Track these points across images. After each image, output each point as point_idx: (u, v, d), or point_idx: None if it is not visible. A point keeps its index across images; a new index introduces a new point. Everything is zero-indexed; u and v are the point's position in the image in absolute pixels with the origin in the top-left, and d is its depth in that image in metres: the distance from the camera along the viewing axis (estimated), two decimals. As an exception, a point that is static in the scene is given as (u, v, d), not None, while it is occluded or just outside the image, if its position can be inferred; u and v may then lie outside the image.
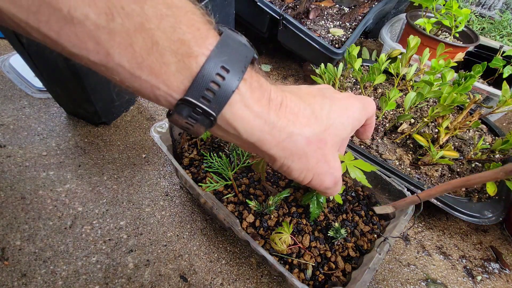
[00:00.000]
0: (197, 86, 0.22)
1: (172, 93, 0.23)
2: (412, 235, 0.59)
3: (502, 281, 0.53)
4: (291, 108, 0.27)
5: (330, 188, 0.33)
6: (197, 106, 0.23)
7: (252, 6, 0.85)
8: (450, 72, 0.59)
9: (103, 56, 0.20)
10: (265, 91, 0.26)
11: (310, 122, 0.28)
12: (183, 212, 0.56)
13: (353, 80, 0.80)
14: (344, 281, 0.42)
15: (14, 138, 0.65)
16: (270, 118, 0.26)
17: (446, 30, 0.95)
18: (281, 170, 0.30)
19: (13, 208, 0.53)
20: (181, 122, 0.24)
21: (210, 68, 0.22)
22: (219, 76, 0.22)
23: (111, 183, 0.59)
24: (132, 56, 0.21)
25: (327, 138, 0.29)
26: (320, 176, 0.31)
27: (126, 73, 0.21)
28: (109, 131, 0.70)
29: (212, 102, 0.23)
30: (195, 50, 0.22)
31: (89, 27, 0.19)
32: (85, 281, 0.46)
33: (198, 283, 0.47)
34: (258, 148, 0.27)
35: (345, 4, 1.00)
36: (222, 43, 0.23)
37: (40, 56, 0.56)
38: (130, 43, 0.20)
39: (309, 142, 0.28)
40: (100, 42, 0.20)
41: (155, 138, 0.50)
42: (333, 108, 0.30)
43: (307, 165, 0.29)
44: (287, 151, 0.28)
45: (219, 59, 0.22)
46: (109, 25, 0.19)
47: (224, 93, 0.23)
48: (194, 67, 0.22)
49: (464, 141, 0.67)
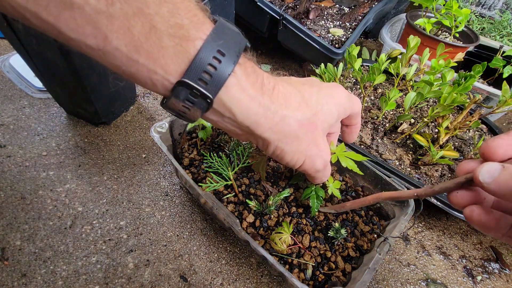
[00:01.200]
0: (195, 68, 0.23)
1: (169, 77, 0.23)
2: (412, 235, 0.59)
3: (502, 281, 0.53)
4: (283, 93, 0.28)
5: (320, 171, 0.34)
6: (195, 88, 0.23)
7: (252, 6, 0.85)
8: (450, 72, 0.59)
9: (100, 40, 0.21)
10: (259, 76, 0.27)
11: (301, 106, 0.29)
12: (183, 212, 0.56)
13: (353, 80, 0.80)
14: (344, 281, 0.42)
15: (14, 138, 0.65)
16: (264, 101, 0.27)
17: (446, 30, 0.95)
18: (274, 155, 0.31)
19: (13, 208, 0.53)
20: (178, 106, 0.25)
21: (207, 51, 0.23)
22: (216, 60, 0.23)
23: (111, 183, 0.59)
24: (130, 40, 0.21)
25: (317, 122, 0.30)
26: (311, 159, 0.32)
27: (123, 57, 0.22)
28: (109, 131, 0.70)
29: (209, 84, 0.23)
30: (192, 34, 0.22)
31: (88, 11, 0.19)
32: (85, 281, 0.46)
33: (198, 283, 0.47)
34: (252, 131, 0.28)
35: (345, 4, 1.00)
36: (218, 28, 0.24)
37: (40, 56, 0.56)
38: (129, 27, 0.20)
39: (300, 125, 0.29)
40: (99, 27, 0.20)
41: (155, 138, 0.50)
42: (321, 95, 0.31)
43: (299, 147, 0.30)
44: (281, 134, 0.29)
45: (216, 43, 0.23)
46: (109, 9, 0.19)
47: (221, 75, 0.23)
48: (192, 50, 0.22)
49: (464, 141, 0.67)
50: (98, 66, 0.59)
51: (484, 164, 0.23)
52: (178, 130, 0.57)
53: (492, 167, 0.22)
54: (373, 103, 0.74)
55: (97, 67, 0.59)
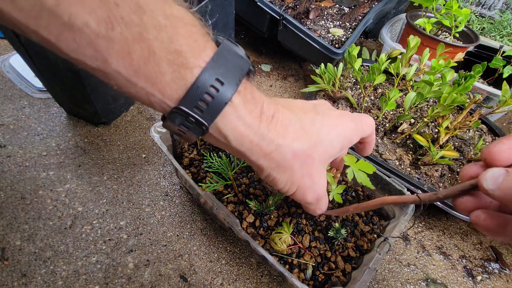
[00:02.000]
0: (191, 96, 0.23)
1: (166, 101, 0.23)
2: (412, 235, 0.59)
3: (502, 281, 0.53)
4: (281, 121, 0.28)
5: (311, 203, 0.33)
6: (190, 116, 0.23)
7: (252, 6, 0.85)
8: (450, 72, 0.59)
9: (101, 62, 0.21)
10: (258, 104, 0.26)
11: (299, 136, 0.28)
12: (183, 212, 0.56)
13: (353, 80, 0.80)
14: (344, 281, 0.42)
15: (14, 138, 0.65)
16: (261, 130, 0.26)
17: (446, 30, 0.95)
18: (267, 180, 0.31)
19: (13, 208, 0.53)
20: (174, 128, 0.25)
21: (205, 80, 0.22)
22: (213, 88, 0.23)
23: (111, 183, 0.59)
24: (130, 64, 0.21)
25: (314, 154, 0.30)
26: (303, 190, 0.31)
27: (123, 79, 0.22)
28: (109, 131, 0.70)
29: (205, 112, 0.23)
30: (191, 62, 0.22)
31: (88, 34, 0.19)
32: (85, 281, 0.46)
33: (198, 283, 0.47)
34: (247, 157, 0.28)
35: (345, 4, 1.00)
36: (219, 55, 0.23)
37: (40, 56, 0.56)
38: (128, 52, 0.21)
39: (295, 156, 0.28)
40: (99, 49, 0.20)
41: (155, 138, 0.50)
42: (324, 124, 0.30)
43: (291, 177, 0.30)
44: (274, 163, 0.28)
45: (215, 71, 0.23)
46: (108, 33, 0.19)
47: (218, 104, 0.23)
48: (189, 78, 0.22)
49: (464, 141, 0.67)
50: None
51: (488, 170, 0.22)
52: (178, 130, 0.57)
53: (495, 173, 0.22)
54: (373, 103, 0.74)
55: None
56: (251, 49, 1.06)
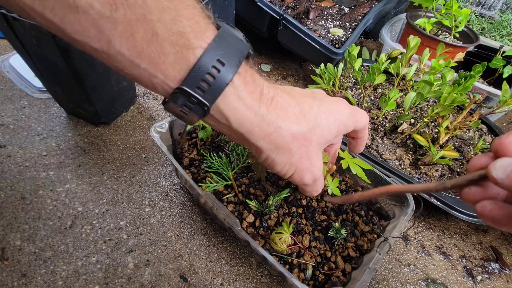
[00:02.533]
0: (193, 76, 0.23)
1: (168, 82, 0.24)
2: (412, 235, 0.59)
3: (502, 281, 0.53)
4: (281, 104, 0.28)
5: (309, 184, 0.34)
6: (192, 96, 0.24)
7: (252, 6, 0.85)
8: (450, 72, 0.59)
9: (104, 43, 0.21)
10: (258, 86, 0.27)
11: (299, 119, 0.29)
12: (183, 212, 0.56)
13: (353, 80, 0.80)
14: (344, 281, 0.42)
15: (14, 138, 0.65)
16: (261, 111, 0.27)
17: (446, 30, 0.95)
18: (266, 163, 0.31)
19: (13, 208, 0.53)
20: (176, 110, 0.25)
21: (207, 61, 0.23)
22: (215, 69, 0.23)
23: (111, 183, 0.59)
24: (133, 45, 0.21)
25: (312, 137, 0.30)
26: (301, 172, 0.32)
27: (126, 60, 0.22)
28: (109, 131, 0.70)
29: (206, 93, 0.24)
30: (193, 43, 0.23)
31: (92, 15, 0.20)
32: (85, 281, 0.46)
33: (198, 283, 0.47)
34: (246, 139, 0.28)
35: (345, 4, 1.00)
36: (220, 37, 0.24)
37: (40, 56, 0.56)
38: (132, 33, 0.21)
39: (294, 138, 0.29)
40: (103, 30, 0.20)
41: (155, 138, 0.50)
42: (321, 109, 0.31)
43: (290, 159, 0.30)
44: (273, 144, 0.29)
45: (216, 53, 0.23)
46: (112, 14, 0.20)
47: (219, 84, 0.24)
48: (192, 58, 0.23)
49: (464, 141, 0.67)
50: (98, 66, 0.59)
51: (498, 160, 0.22)
52: (178, 130, 0.57)
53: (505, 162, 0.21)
54: (373, 103, 0.74)
55: (97, 67, 0.59)
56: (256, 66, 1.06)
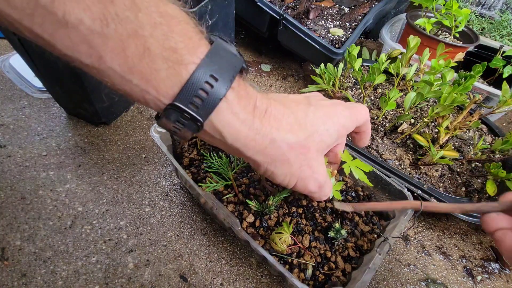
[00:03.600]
0: (186, 92, 0.23)
1: (161, 98, 0.23)
2: (412, 235, 0.59)
3: (502, 281, 0.53)
4: (275, 115, 0.28)
5: (315, 192, 0.33)
6: (185, 112, 0.23)
7: (252, 6, 0.85)
8: (450, 72, 0.59)
9: (95, 59, 0.21)
10: (251, 99, 0.27)
11: (293, 128, 0.29)
12: (183, 212, 0.56)
13: (353, 80, 0.80)
14: (344, 281, 0.42)
15: (14, 138, 0.65)
16: (255, 125, 0.26)
17: (446, 30, 0.95)
18: (266, 175, 0.31)
19: (13, 208, 0.53)
20: (169, 126, 0.25)
21: (200, 76, 0.23)
22: (208, 84, 0.23)
23: (111, 183, 0.59)
24: (124, 61, 0.21)
25: (310, 144, 0.29)
26: (304, 181, 0.31)
27: (117, 76, 0.22)
28: (109, 131, 0.70)
29: (200, 109, 0.23)
30: (186, 58, 0.22)
31: (83, 31, 0.19)
32: (85, 281, 0.46)
33: (198, 283, 0.47)
34: (242, 153, 0.28)
35: (345, 4, 1.00)
36: (213, 52, 0.23)
37: (40, 56, 0.56)
38: (123, 49, 0.20)
39: (290, 148, 0.28)
40: (93, 46, 0.20)
41: (155, 138, 0.50)
42: (317, 114, 0.30)
43: (290, 170, 0.30)
44: (270, 157, 0.28)
45: (209, 68, 0.23)
46: (103, 30, 0.19)
47: (212, 100, 0.23)
48: (184, 74, 0.22)
49: (464, 141, 0.67)
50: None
51: None
52: (178, 130, 0.57)
53: None
54: (373, 103, 0.74)
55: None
56: (251, 49, 1.06)
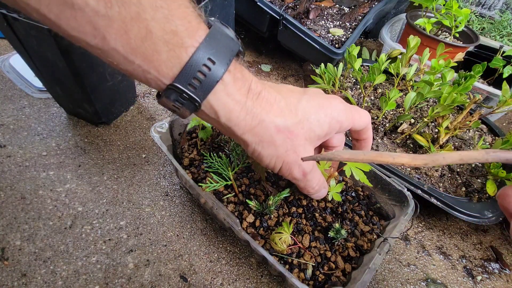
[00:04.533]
0: (185, 74, 0.24)
1: (162, 78, 0.25)
2: (412, 235, 0.59)
3: (502, 281, 0.53)
4: (267, 99, 0.29)
5: (300, 179, 0.34)
6: (184, 92, 0.25)
7: (252, 6, 0.85)
8: (450, 72, 0.59)
9: (99, 40, 0.22)
10: (246, 81, 0.28)
11: (283, 113, 0.30)
12: (183, 212, 0.56)
13: (353, 80, 0.80)
14: (344, 281, 0.42)
15: (14, 138, 0.65)
16: (247, 105, 0.28)
17: (446, 30, 0.95)
18: (254, 156, 0.32)
19: (13, 208, 0.53)
20: (169, 104, 0.26)
21: (198, 59, 0.24)
22: (206, 67, 0.24)
23: (111, 183, 0.59)
24: (127, 42, 0.22)
25: (298, 131, 0.30)
26: (288, 165, 0.32)
27: (121, 57, 0.23)
28: (109, 131, 0.70)
29: (198, 90, 0.25)
30: (185, 41, 0.23)
31: (88, 13, 0.20)
32: (85, 281, 0.46)
33: (198, 283, 0.47)
34: (233, 132, 0.29)
35: (345, 4, 1.00)
36: (211, 36, 0.25)
37: (40, 56, 0.56)
38: (126, 30, 0.21)
39: (278, 130, 0.29)
40: (98, 27, 0.21)
41: (155, 138, 0.50)
42: (311, 103, 0.31)
43: (276, 152, 0.31)
44: (258, 137, 0.29)
45: (207, 51, 0.24)
46: (107, 12, 0.20)
47: (209, 82, 0.25)
48: (184, 56, 0.24)
49: (464, 141, 0.67)
50: (98, 66, 0.59)
51: None
52: (178, 130, 0.57)
53: None
54: (373, 103, 0.74)
55: (97, 67, 0.59)
56: (251, 49, 1.06)
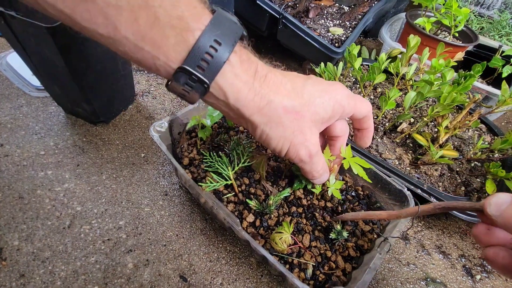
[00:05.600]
0: (193, 56, 0.25)
1: (170, 63, 0.26)
2: (412, 235, 0.59)
3: (501, 280, 0.54)
4: (274, 81, 0.30)
5: (305, 161, 0.34)
6: (193, 74, 0.26)
7: (252, 5, 0.85)
8: (450, 71, 0.59)
9: (111, 29, 0.23)
10: (253, 64, 0.29)
11: (290, 94, 0.31)
12: (183, 212, 0.56)
13: (353, 80, 0.80)
14: (344, 280, 0.42)
15: (11, 137, 0.64)
16: (255, 86, 0.29)
17: (446, 29, 0.95)
18: (261, 139, 0.32)
19: (11, 208, 0.53)
20: (178, 89, 0.27)
21: (205, 41, 0.25)
22: (213, 48, 0.25)
23: (110, 183, 0.59)
24: (137, 30, 0.23)
25: (305, 112, 0.31)
26: (295, 147, 0.33)
27: (131, 44, 0.24)
28: (108, 130, 0.69)
29: (206, 71, 0.26)
30: (192, 25, 0.25)
31: (99, 4, 0.22)
32: (84, 281, 0.45)
33: (198, 283, 0.47)
34: (242, 114, 0.30)
35: (345, 3, 1.00)
36: (216, 20, 0.26)
37: (38, 55, 0.55)
38: (135, 18, 0.23)
39: (286, 111, 0.30)
40: (109, 17, 0.22)
41: (155, 137, 0.50)
42: (315, 87, 0.32)
43: (284, 133, 0.31)
44: (266, 117, 0.30)
45: (213, 33, 0.25)
46: (117, 2, 0.22)
47: (217, 63, 0.26)
48: (191, 40, 0.25)
49: (464, 140, 0.67)
50: (96, 65, 0.58)
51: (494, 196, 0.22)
52: (178, 129, 0.57)
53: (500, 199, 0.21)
54: (372, 102, 0.74)
55: (96, 66, 0.58)
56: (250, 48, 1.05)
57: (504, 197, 0.21)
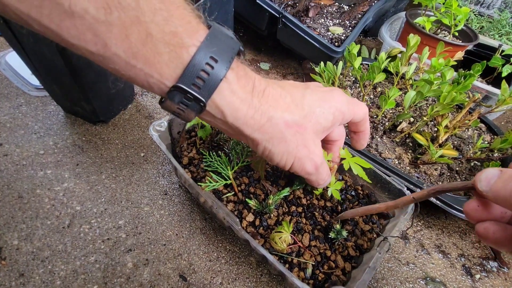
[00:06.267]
0: (188, 74, 0.24)
1: (164, 81, 0.24)
2: (411, 234, 0.59)
3: (500, 279, 0.54)
4: (272, 95, 0.29)
5: (312, 173, 0.34)
6: (188, 93, 0.24)
7: (251, 4, 0.85)
8: (449, 71, 0.59)
9: (100, 46, 0.22)
10: (250, 79, 0.28)
11: (290, 108, 0.30)
12: (182, 211, 0.56)
13: (353, 79, 0.80)
14: (344, 280, 0.42)
15: (10, 136, 0.64)
16: (253, 103, 0.28)
17: (446, 28, 0.95)
18: (264, 155, 0.32)
19: (10, 207, 0.52)
20: (173, 107, 0.26)
21: (200, 58, 0.24)
22: (209, 66, 0.24)
23: (110, 182, 0.59)
24: (128, 47, 0.22)
25: (307, 124, 0.31)
26: (300, 160, 0.32)
27: (122, 62, 0.23)
28: (107, 129, 0.69)
29: (202, 89, 0.25)
30: (186, 42, 0.23)
31: (88, 20, 0.20)
32: (83, 281, 0.45)
33: (198, 283, 0.47)
34: (242, 132, 0.29)
35: (345, 2, 1.00)
36: (211, 35, 0.25)
37: (37, 54, 0.55)
38: (126, 35, 0.21)
39: (287, 125, 0.29)
40: (98, 34, 0.21)
41: (154, 137, 0.50)
42: (314, 97, 0.32)
43: (287, 148, 0.31)
44: (268, 134, 0.29)
45: (209, 50, 0.24)
46: (107, 18, 0.20)
47: (213, 80, 0.25)
48: (186, 57, 0.24)
49: (463, 140, 0.67)
50: (96, 65, 0.58)
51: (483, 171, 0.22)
52: (177, 129, 0.57)
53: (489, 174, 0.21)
54: (372, 101, 0.74)
55: (95, 65, 0.58)
56: (250, 47, 1.05)
57: (493, 171, 0.21)
